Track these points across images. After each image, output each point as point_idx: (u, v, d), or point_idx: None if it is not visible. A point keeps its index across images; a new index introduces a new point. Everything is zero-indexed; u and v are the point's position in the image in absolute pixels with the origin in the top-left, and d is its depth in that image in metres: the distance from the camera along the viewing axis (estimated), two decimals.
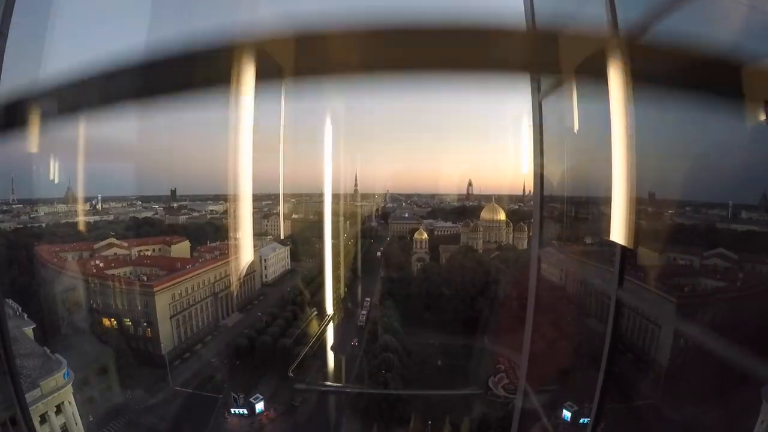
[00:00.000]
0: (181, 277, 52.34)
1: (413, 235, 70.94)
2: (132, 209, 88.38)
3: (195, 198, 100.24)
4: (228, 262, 59.10)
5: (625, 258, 5.16)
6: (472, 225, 67.82)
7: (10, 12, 4.86)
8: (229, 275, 58.26)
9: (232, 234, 67.86)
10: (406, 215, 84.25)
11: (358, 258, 70.50)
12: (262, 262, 65.05)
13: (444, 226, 76.02)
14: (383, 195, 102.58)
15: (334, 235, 66.99)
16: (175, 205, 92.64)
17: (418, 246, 66.57)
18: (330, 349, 51.60)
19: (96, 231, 69.80)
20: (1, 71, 4.78)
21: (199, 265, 56.12)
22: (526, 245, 60.80)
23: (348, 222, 76.67)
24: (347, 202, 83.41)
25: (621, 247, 5.06)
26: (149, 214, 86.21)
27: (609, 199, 4.83)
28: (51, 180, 66.05)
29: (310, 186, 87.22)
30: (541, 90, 7.12)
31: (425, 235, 67.85)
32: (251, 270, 62.69)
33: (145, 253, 62.52)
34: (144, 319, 48.50)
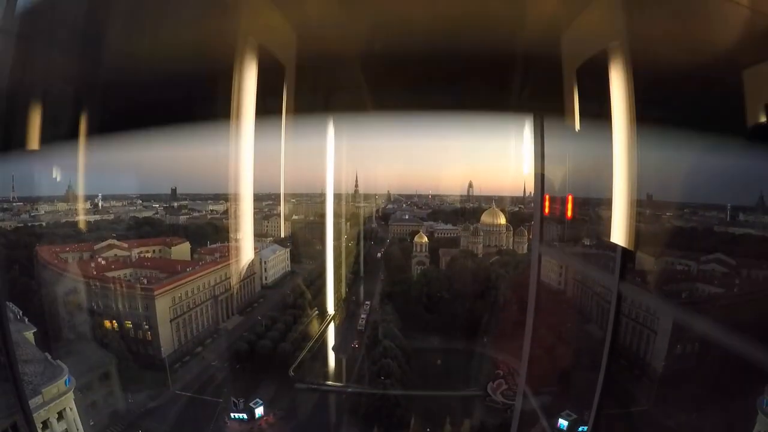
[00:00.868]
0: (182, 281, 52.52)
1: (413, 237, 70.99)
2: (132, 208, 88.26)
3: (195, 197, 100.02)
4: (228, 264, 59.18)
5: (626, 261, 5.11)
6: (472, 229, 67.87)
7: (13, 7, 4.79)
8: (229, 278, 58.33)
9: (232, 235, 67.91)
10: (407, 217, 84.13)
11: (358, 260, 70.48)
12: (263, 264, 65.07)
13: (444, 229, 75.95)
14: (384, 195, 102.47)
15: (335, 237, 66.96)
16: (175, 204, 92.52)
17: (418, 249, 66.68)
18: (329, 352, 51.84)
19: (97, 231, 69.71)
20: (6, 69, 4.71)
21: (199, 268, 56.29)
22: (526, 249, 60.84)
23: (348, 223, 76.56)
24: (348, 202, 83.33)
25: (621, 249, 5.03)
26: (149, 214, 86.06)
27: (609, 202, 4.87)
28: (52, 177, 66.12)
29: (309, 186, 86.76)
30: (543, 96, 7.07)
31: (425, 238, 67.89)
32: (251, 272, 62.74)
33: (146, 254, 62.57)
34: (144, 323, 48.65)
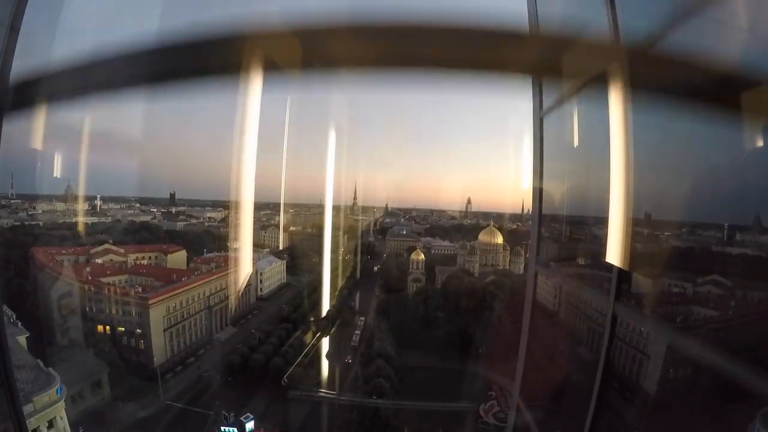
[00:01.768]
0: (177, 290, 52.32)
1: (410, 252, 71.10)
2: (130, 212, 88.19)
3: (194, 203, 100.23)
4: (224, 275, 59.10)
5: (622, 279, 5.05)
6: (469, 248, 68.04)
7: (23, 8, 4.80)
8: (224, 289, 58.21)
9: (229, 245, 67.97)
10: (404, 232, 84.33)
11: (354, 274, 70.54)
12: (258, 275, 65.07)
13: (441, 245, 76.19)
14: (382, 209, 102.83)
15: (331, 250, 66.98)
16: (173, 210, 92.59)
17: (415, 266, 66.67)
18: (322, 368, 51.65)
19: (94, 234, 69.55)
20: (12, 66, 4.70)
21: (195, 278, 56.11)
22: (522, 270, 61.02)
23: (346, 236, 76.69)
24: (346, 215, 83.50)
25: (617, 269, 4.98)
26: (147, 218, 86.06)
27: (608, 218, 4.90)
28: (51, 176, 66.04)
29: (308, 196, 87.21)
30: (542, 103, 7.15)
31: (422, 255, 67.92)
32: (247, 284, 62.69)
33: (141, 261, 62.47)
34: (138, 332, 48.42)
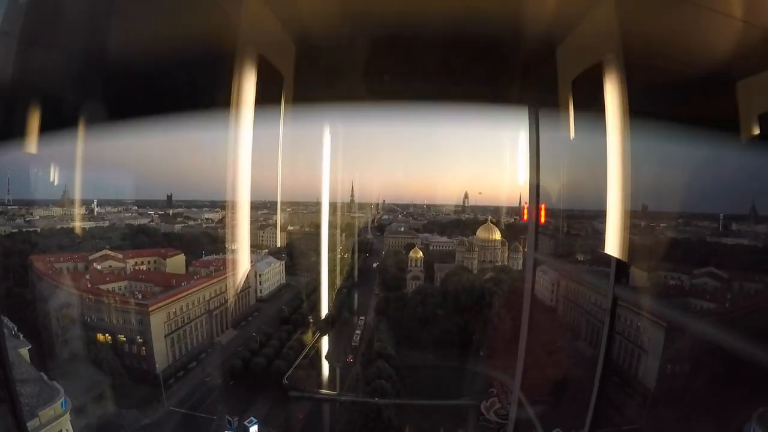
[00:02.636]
0: (176, 296, 52.51)
1: (409, 250, 71.33)
2: (128, 214, 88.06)
3: (191, 204, 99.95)
4: (223, 278, 59.22)
5: (620, 272, 5.10)
6: (467, 244, 68.22)
7: (14, 10, 4.66)
8: (224, 292, 58.39)
9: (228, 247, 67.99)
10: (402, 229, 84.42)
11: (353, 273, 70.75)
12: (257, 277, 65.19)
13: (440, 241, 76.36)
14: (379, 205, 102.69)
15: (329, 249, 67.17)
16: (171, 212, 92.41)
17: (413, 264, 66.92)
18: (323, 370, 52.08)
19: (92, 239, 69.51)
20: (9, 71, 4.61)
21: (194, 283, 56.25)
22: (521, 266, 61.24)
23: (344, 234, 76.81)
24: (343, 212, 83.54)
25: (616, 261, 5.01)
26: (145, 221, 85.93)
27: (604, 212, 4.90)
28: (48, 181, 65.99)
29: (305, 195, 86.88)
30: (538, 102, 7.11)
31: (420, 253, 68.14)
32: (246, 286, 62.87)
33: (141, 266, 62.54)
34: (139, 339, 48.67)
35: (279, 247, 77.57)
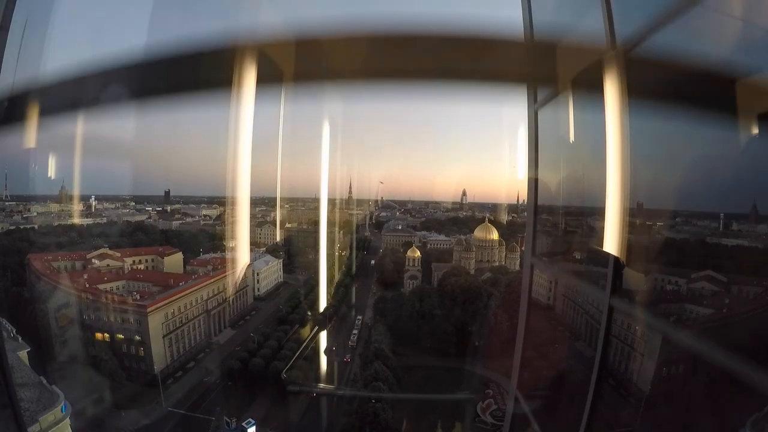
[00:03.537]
0: (174, 296, 52.50)
1: (406, 248, 71.36)
2: (125, 211, 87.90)
3: (188, 200, 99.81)
4: (221, 277, 59.26)
5: (617, 271, 4.96)
6: (464, 244, 68.16)
7: (12, 6, 4.73)
8: (221, 291, 58.40)
9: (225, 245, 67.99)
10: (400, 227, 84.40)
11: (350, 271, 70.77)
12: (255, 275, 65.23)
13: (437, 239, 76.36)
14: (377, 201, 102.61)
15: (327, 246, 67.10)
16: (168, 208, 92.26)
17: (411, 263, 67.00)
18: (320, 370, 52.36)
19: (89, 236, 69.39)
20: (1, 66, 4.67)
21: (192, 283, 56.18)
22: (518, 266, 61.36)
23: (341, 232, 76.77)
24: (341, 209, 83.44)
25: (614, 260, 4.93)
26: (143, 218, 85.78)
27: (603, 210, 4.88)
28: (45, 176, 65.77)
29: (303, 190, 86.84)
30: (537, 99, 7.12)
31: (418, 253, 68.14)
32: (244, 285, 62.92)
33: (138, 265, 62.56)
34: (137, 339, 48.77)
35: (276, 245, 77.56)
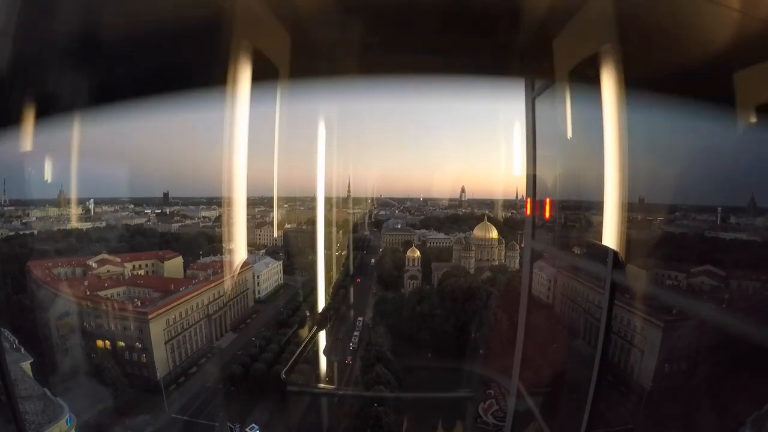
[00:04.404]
0: (175, 302, 52.65)
1: (406, 247, 71.46)
2: (124, 213, 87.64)
3: (187, 201, 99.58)
4: (221, 281, 59.33)
5: (617, 266, 5.00)
6: (464, 243, 68.25)
7: (12, 9, 4.64)
8: (222, 295, 58.55)
9: (225, 248, 67.86)
10: (399, 226, 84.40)
11: (350, 272, 70.88)
12: (255, 278, 65.36)
13: (437, 238, 76.47)
14: (375, 199, 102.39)
15: (326, 247, 67.08)
16: (167, 210, 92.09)
17: (410, 263, 67.10)
18: (321, 372, 52.64)
19: (89, 241, 69.16)
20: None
21: (192, 288, 56.32)
22: (518, 264, 61.41)
23: (340, 231, 76.75)
24: (339, 208, 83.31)
25: (614, 253, 4.94)
26: (142, 221, 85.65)
27: (601, 204, 4.88)
28: (43, 180, 65.33)
29: (301, 189, 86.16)
30: (534, 87, 7.07)
31: (417, 252, 68.21)
32: (244, 288, 63.10)
33: (139, 271, 62.63)
34: (139, 347, 48.94)
35: (276, 246, 77.57)
